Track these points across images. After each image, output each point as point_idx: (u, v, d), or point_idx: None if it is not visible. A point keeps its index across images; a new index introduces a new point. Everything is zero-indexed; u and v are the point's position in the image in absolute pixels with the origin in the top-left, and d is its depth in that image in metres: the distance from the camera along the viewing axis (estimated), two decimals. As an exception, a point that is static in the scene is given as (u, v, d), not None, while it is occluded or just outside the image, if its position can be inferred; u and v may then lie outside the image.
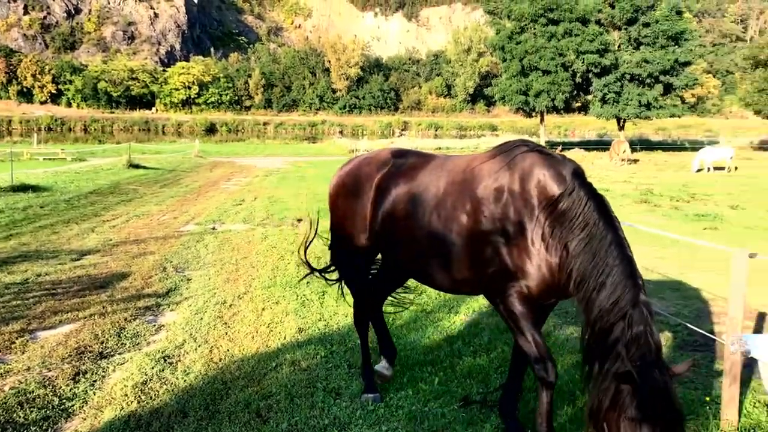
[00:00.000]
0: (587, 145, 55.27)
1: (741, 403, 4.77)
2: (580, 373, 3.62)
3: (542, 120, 52.27)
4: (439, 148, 54.85)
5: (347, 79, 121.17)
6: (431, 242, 4.34)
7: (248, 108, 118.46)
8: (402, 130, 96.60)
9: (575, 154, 45.88)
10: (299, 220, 14.73)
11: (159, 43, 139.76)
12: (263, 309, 7.70)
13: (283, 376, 5.54)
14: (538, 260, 3.81)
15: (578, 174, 3.89)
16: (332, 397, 5.12)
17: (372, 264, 5.35)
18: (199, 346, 6.39)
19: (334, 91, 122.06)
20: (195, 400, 5.08)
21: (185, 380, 5.51)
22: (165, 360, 5.98)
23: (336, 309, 7.67)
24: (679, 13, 48.14)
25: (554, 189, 3.81)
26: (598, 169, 35.48)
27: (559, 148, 52.18)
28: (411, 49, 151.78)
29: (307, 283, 8.90)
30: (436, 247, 4.31)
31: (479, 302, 7.69)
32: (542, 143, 51.35)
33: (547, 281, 3.83)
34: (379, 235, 4.80)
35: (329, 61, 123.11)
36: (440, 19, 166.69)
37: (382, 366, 5.29)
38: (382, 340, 5.44)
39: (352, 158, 5.43)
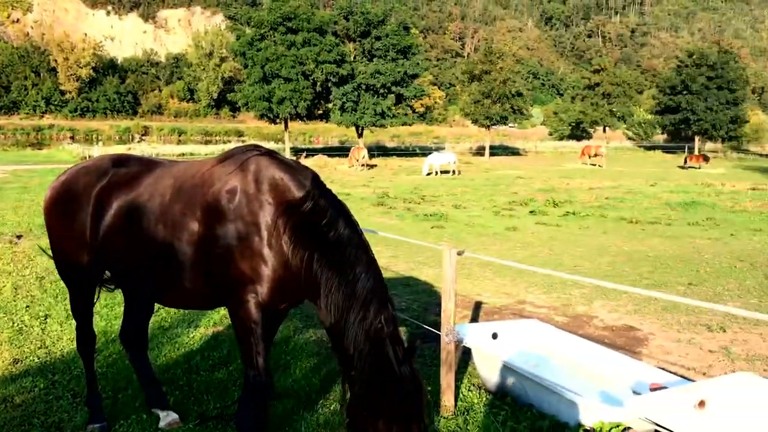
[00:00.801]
0: (330, 152, 57.28)
1: (458, 388, 5.25)
2: (341, 378, 3.72)
3: (286, 127, 53.01)
4: (183, 155, 53.01)
5: (78, 80, 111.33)
6: (160, 255, 4.09)
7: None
8: (142, 135, 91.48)
9: (319, 160, 47.31)
10: (19, 237, 13.20)
11: None
12: (-31, 341, 6.73)
13: (-8, 417, 4.89)
14: (275, 265, 3.76)
15: (317, 180, 3.95)
16: (52, 433, 4.64)
17: (96, 283, 4.94)
18: None
19: (62, 93, 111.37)
20: None
21: None
22: None
23: (60, 334, 6.98)
24: (407, 28, 52.03)
25: (294, 193, 3.79)
26: (340, 174, 36.96)
27: (304, 154, 53.37)
28: (149, 50, 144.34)
29: (27, 306, 8.00)
30: (166, 260, 4.08)
31: (220, 314, 7.52)
32: (287, 149, 52.13)
33: (284, 286, 3.81)
34: (102, 252, 4.44)
35: (56, 61, 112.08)
36: (179, 22, 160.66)
37: (166, 422, 4.69)
38: (150, 386, 4.88)
39: (68, 168, 4.96)
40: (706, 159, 44.83)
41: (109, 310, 7.77)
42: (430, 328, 6.15)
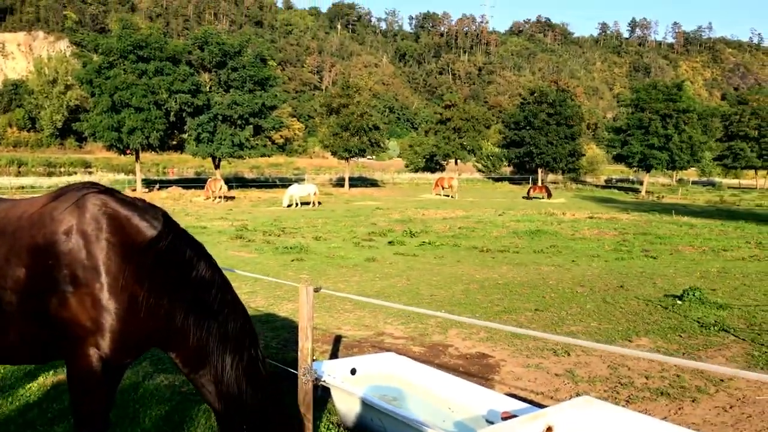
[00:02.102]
0: (186, 183, 55.51)
1: (317, 427, 5.17)
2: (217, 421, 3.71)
3: (138, 158, 50.76)
4: (23, 187, 49.39)
5: None
6: None
7: None
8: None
9: (174, 192, 45.72)
10: None
11: None
12: None
13: None
14: (120, 314, 3.41)
15: (168, 218, 3.70)
16: None
17: None
18: None
19: None
20: None
21: None
22: None
23: None
24: (264, 60, 51.88)
25: (144, 234, 3.49)
26: (196, 206, 35.87)
27: (157, 186, 51.34)
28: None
29: None
30: None
31: (62, 361, 6.95)
32: (139, 181, 49.90)
33: (131, 338, 3.48)
34: None
35: None
36: (19, 46, 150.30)
37: None
38: None
39: None
40: (549, 194, 47.54)
41: (-73, 364, 6.95)
42: (288, 368, 6.02)
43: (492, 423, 4.53)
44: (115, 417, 5.33)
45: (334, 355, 7.69)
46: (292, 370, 5.48)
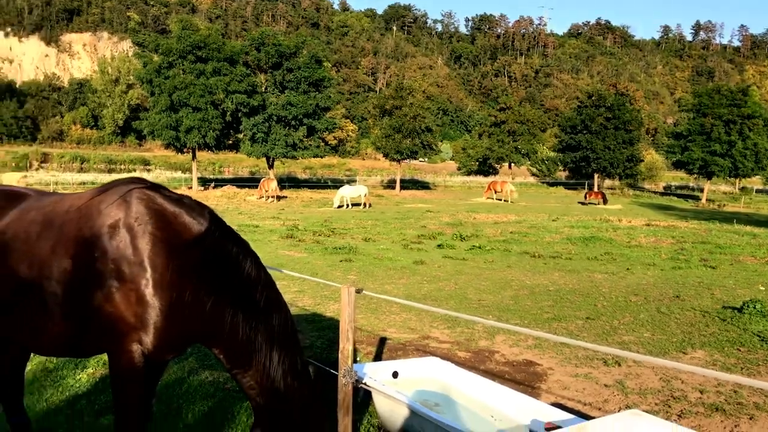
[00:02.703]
0: (240, 182, 56.49)
1: (358, 429, 5.12)
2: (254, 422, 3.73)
3: (194, 156, 51.88)
4: (84, 183, 51.23)
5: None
6: (23, 296, 3.64)
7: None
8: (41, 162, 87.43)
9: (228, 191, 46.58)
10: None
11: None
12: None
13: None
14: (164, 310, 3.39)
15: (215, 216, 3.67)
16: None
17: None
18: None
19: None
20: None
21: None
22: None
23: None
24: (319, 62, 52.36)
25: (192, 230, 3.47)
26: (249, 205, 36.42)
27: (212, 184, 52.38)
28: (51, 75, 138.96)
29: None
30: (31, 302, 3.62)
31: (111, 354, 7.09)
32: (195, 179, 50.99)
33: (174, 334, 3.47)
34: None
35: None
36: (84, 47, 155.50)
37: None
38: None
39: None
40: (605, 200, 46.43)
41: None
42: (330, 369, 6.00)
43: (535, 434, 4.40)
44: (160, 411, 5.41)
45: (377, 357, 7.64)
46: (334, 371, 5.45)
